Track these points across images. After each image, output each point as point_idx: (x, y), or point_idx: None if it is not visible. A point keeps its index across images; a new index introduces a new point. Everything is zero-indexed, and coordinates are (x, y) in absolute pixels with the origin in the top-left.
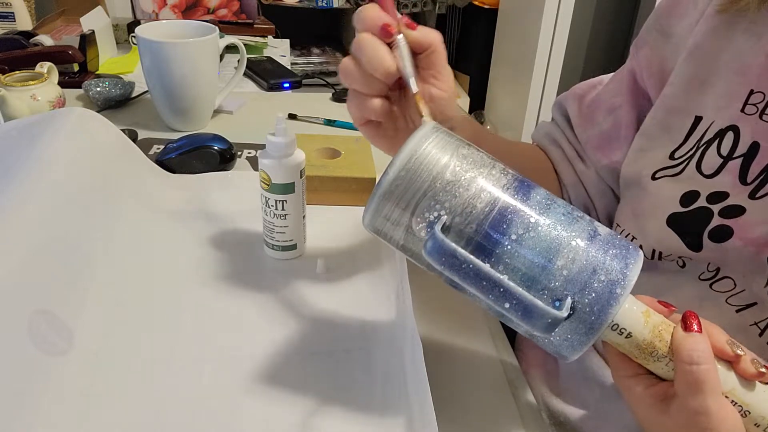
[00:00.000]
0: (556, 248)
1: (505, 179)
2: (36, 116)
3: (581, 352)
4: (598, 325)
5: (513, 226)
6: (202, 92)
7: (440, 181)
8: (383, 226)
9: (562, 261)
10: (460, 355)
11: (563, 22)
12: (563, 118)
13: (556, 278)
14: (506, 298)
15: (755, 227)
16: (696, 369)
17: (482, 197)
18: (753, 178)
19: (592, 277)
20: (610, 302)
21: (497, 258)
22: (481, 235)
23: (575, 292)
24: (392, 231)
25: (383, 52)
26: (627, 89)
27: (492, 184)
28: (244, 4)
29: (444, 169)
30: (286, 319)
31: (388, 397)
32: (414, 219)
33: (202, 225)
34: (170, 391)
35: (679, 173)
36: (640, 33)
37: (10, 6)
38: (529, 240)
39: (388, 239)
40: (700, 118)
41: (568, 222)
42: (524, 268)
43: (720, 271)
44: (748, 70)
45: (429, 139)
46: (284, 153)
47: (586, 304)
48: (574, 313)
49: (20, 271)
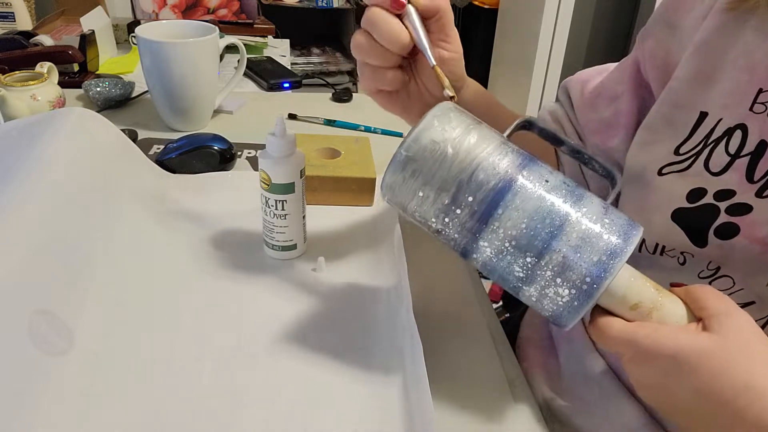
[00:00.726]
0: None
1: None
2: (36, 116)
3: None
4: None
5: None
6: (202, 92)
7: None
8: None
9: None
10: (460, 355)
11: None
12: (567, 99)
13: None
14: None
15: (762, 226)
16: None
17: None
18: (760, 177)
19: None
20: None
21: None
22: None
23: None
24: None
25: (396, 25)
26: (630, 78)
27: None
28: (244, 4)
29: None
30: (286, 319)
31: (387, 397)
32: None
33: (202, 225)
34: (170, 391)
35: (685, 169)
36: (647, 24)
37: (10, 6)
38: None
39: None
40: (705, 114)
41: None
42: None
43: (720, 270)
44: (756, 69)
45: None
46: (284, 153)
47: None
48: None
49: (20, 271)
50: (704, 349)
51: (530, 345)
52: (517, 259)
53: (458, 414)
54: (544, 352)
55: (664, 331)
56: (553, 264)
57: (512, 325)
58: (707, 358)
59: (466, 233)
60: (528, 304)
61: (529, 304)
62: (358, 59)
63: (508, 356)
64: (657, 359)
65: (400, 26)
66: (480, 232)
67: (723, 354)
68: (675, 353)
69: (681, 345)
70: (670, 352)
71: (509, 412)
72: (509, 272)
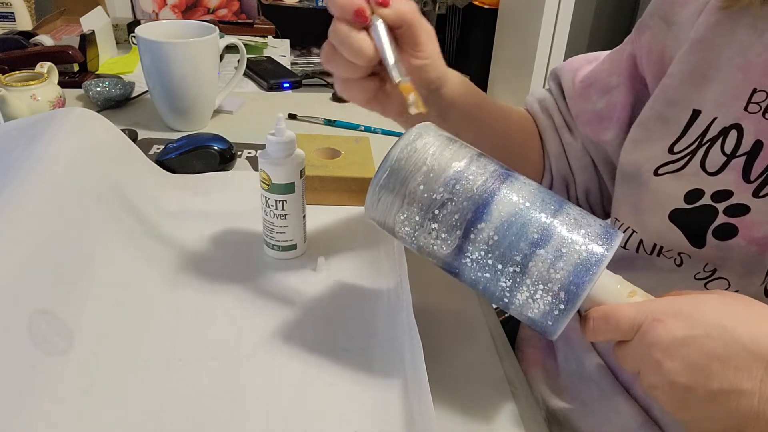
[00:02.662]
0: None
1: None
2: (36, 116)
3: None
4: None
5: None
6: (202, 92)
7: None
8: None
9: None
10: (460, 355)
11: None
12: (557, 87)
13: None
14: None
15: (760, 227)
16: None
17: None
18: (756, 176)
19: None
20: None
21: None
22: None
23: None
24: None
25: (361, 40)
26: (626, 72)
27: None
28: (244, 4)
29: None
30: (286, 319)
31: (387, 397)
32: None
33: (202, 225)
34: (170, 391)
35: (681, 168)
36: (642, 16)
37: (10, 6)
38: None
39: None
40: (699, 112)
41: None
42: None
43: (716, 272)
44: (751, 67)
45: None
46: (284, 153)
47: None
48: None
49: (20, 271)
50: (723, 296)
51: (529, 345)
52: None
53: (458, 414)
54: (543, 352)
55: (675, 294)
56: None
57: (512, 325)
58: (731, 300)
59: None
60: (514, 315)
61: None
62: (329, 71)
63: (508, 356)
64: (679, 314)
65: (365, 40)
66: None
67: (741, 297)
68: (698, 302)
69: (700, 296)
70: (692, 301)
71: (509, 412)
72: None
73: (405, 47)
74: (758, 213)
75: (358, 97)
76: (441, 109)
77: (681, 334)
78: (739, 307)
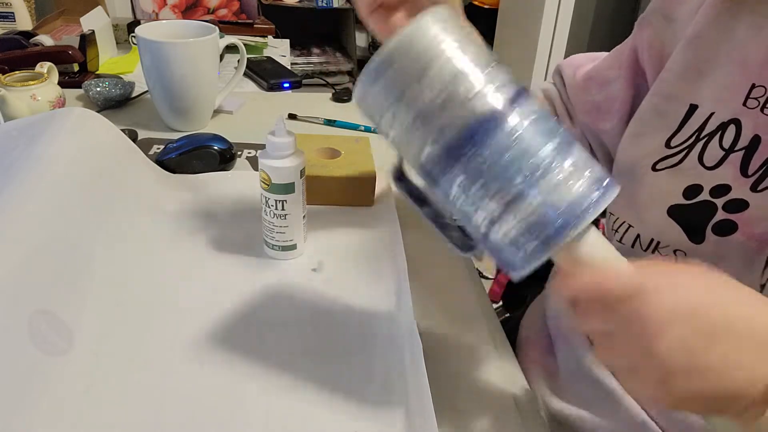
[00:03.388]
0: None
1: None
2: (36, 116)
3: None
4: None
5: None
6: (202, 92)
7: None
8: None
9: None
10: (460, 355)
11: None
12: (560, 80)
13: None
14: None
15: (759, 222)
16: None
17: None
18: (754, 171)
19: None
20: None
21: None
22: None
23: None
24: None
25: None
26: (627, 65)
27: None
28: (244, 4)
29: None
30: (286, 319)
31: (387, 397)
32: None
33: (202, 225)
34: (170, 391)
35: (678, 163)
36: (645, 12)
37: (10, 6)
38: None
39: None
40: (696, 107)
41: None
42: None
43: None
44: (749, 63)
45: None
46: (284, 153)
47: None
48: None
49: (20, 271)
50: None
51: (529, 345)
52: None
53: (458, 414)
54: (543, 352)
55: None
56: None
57: (512, 325)
58: (724, 278)
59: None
60: (487, 247)
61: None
62: None
63: (508, 356)
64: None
65: None
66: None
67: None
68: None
69: (657, 267)
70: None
71: (509, 412)
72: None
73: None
74: (757, 208)
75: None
76: None
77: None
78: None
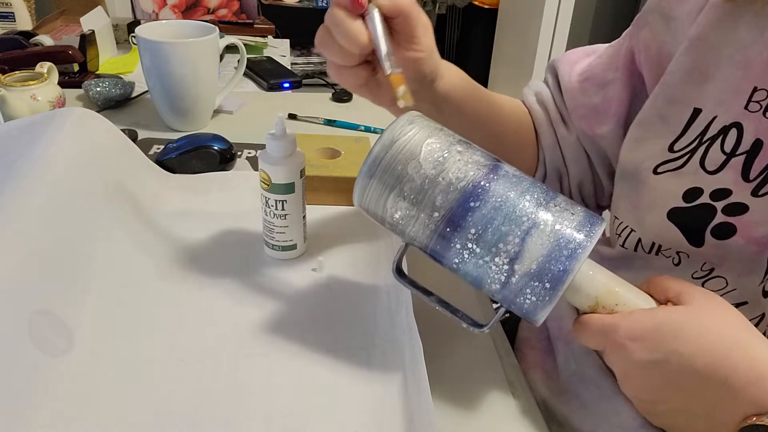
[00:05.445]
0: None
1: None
2: (36, 116)
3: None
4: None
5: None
6: (202, 92)
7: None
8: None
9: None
10: (460, 355)
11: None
12: (554, 80)
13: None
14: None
15: (759, 226)
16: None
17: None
18: (755, 176)
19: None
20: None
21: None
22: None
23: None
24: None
25: (356, 27)
26: (623, 67)
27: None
28: (244, 4)
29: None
30: (286, 319)
31: (387, 397)
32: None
33: (202, 225)
34: (170, 391)
35: (680, 167)
36: (642, 11)
37: (10, 6)
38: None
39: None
40: (699, 111)
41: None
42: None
43: (714, 271)
44: (751, 65)
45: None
46: (284, 153)
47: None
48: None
49: (20, 271)
50: (684, 316)
51: (528, 346)
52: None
53: (458, 414)
54: (542, 353)
55: (639, 313)
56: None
57: (512, 325)
58: (690, 323)
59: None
60: (501, 303)
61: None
62: (323, 56)
63: (508, 356)
64: (640, 339)
65: (360, 28)
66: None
67: (703, 316)
68: (655, 325)
69: (659, 318)
70: (650, 325)
71: (509, 412)
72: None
73: (400, 39)
74: (757, 212)
75: (349, 82)
76: (435, 101)
77: (639, 358)
78: (701, 328)
